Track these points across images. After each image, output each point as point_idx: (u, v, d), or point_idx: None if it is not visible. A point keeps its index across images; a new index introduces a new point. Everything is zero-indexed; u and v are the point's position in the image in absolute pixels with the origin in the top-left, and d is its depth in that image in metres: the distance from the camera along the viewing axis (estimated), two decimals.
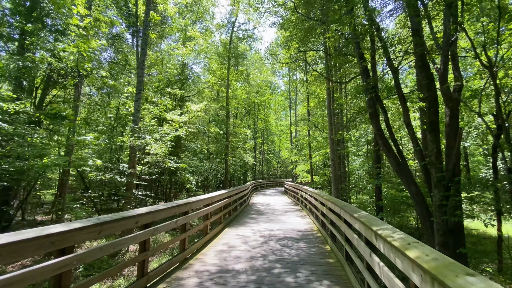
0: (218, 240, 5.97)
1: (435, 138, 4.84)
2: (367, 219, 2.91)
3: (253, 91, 25.13)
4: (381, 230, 2.37)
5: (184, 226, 4.78)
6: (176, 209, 4.32)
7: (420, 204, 5.27)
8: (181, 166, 8.25)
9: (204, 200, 5.67)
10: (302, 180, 20.62)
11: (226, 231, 6.96)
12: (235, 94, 19.85)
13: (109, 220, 2.89)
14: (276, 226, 7.71)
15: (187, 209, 4.79)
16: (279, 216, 9.78)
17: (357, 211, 3.57)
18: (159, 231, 3.89)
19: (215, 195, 6.70)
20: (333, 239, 5.59)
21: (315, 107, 16.00)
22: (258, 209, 11.67)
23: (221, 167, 17.42)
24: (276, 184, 35.78)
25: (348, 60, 8.43)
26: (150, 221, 3.63)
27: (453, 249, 4.74)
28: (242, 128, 20.79)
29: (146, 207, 3.86)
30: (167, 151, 8.52)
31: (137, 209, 3.54)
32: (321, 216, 7.10)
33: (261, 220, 8.85)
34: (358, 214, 3.29)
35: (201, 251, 5.14)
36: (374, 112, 6.07)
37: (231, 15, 19.03)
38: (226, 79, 16.51)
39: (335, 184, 10.24)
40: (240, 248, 5.35)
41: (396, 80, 6.15)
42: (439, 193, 4.64)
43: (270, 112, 40.48)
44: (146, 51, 8.51)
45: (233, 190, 9.59)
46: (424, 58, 5.23)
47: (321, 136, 17.45)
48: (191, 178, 9.04)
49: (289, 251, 5.21)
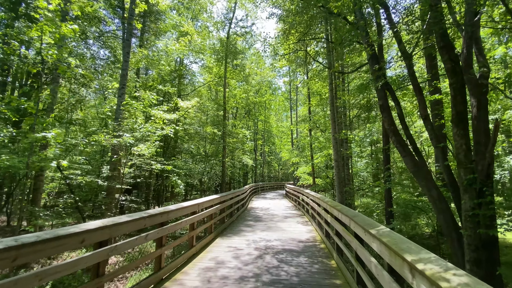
0: (206, 254, 5.14)
1: (464, 132, 4.01)
2: (392, 240, 2.08)
3: (252, 90, 24.39)
4: (421, 264, 1.54)
5: (160, 240, 3.97)
6: (147, 220, 3.50)
7: (443, 212, 4.42)
8: (167, 168, 7.44)
9: (187, 208, 4.85)
10: (304, 182, 19.74)
11: (217, 242, 6.13)
12: (233, 93, 19.08)
13: (34, 241, 2.08)
14: (274, 235, 6.86)
15: (164, 219, 3.97)
16: (278, 223, 8.93)
17: (373, 225, 2.74)
18: (120, 250, 3.07)
19: (204, 201, 5.88)
20: (339, 253, 4.75)
21: (316, 105, 15.20)
22: (256, 215, 10.82)
23: (218, 169, 16.62)
24: (277, 187, 34.87)
25: (353, 49, 7.64)
26: (106, 237, 2.82)
27: (486, 267, 3.89)
28: (240, 128, 20.01)
29: (106, 219, 3.05)
30: (154, 152, 7.73)
31: (86, 223, 2.73)
32: (324, 224, 6.26)
33: (258, 227, 8.00)
34: (376, 231, 2.45)
35: (183, 268, 4.31)
36: (385, 104, 5.25)
37: (228, 11, 18.33)
38: (223, 77, 15.72)
39: (339, 187, 9.39)
40: (229, 265, 4.51)
41: (410, 67, 5.33)
42: (470, 200, 3.80)
43: (271, 113, 39.75)
44: (131, 42, 7.79)
45: (228, 195, 8.76)
46: (446, 37, 4.42)
47: (323, 136, 16.61)
48: (178, 181, 8.22)
49: (288, 268, 4.37)
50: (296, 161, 19.64)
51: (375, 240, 2.40)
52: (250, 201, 16.72)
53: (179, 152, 16.66)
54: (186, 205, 4.77)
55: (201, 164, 15.16)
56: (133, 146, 7.78)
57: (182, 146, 13.95)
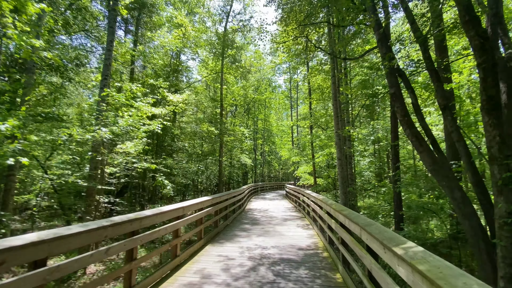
0: (191, 266, 4.46)
1: (497, 121, 3.32)
2: (435, 270, 1.39)
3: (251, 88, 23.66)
4: None
5: (130, 253, 3.29)
6: (108, 230, 2.82)
7: (469, 217, 3.72)
8: (151, 167, 6.74)
9: (168, 213, 4.17)
10: (305, 182, 19.04)
11: (206, 250, 5.45)
12: (231, 90, 18.38)
13: None
14: (271, 242, 6.18)
15: (135, 227, 3.30)
16: (276, 226, 8.25)
17: (396, 240, 2.05)
18: (65, 271, 2.39)
19: (191, 204, 5.21)
20: (345, 264, 4.07)
21: (318, 102, 14.47)
22: (254, 217, 10.14)
23: (215, 169, 15.92)
24: (277, 187, 34.20)
25: (358, 31, 6.94)
26: (42, 255, 2.15)
27: None
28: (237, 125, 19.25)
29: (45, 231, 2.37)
30: (141, 150, 7.06)
31: (11, 238, 2.05)
32: (327, 229, 5.58)
33: (254, 232, 7.33)
34: (404, 250, 1.77)
35: (161, 285, 3.64)
36: (397, 92, 4.55)
37: (225, 4, 17.62)
38: (220, 72, 15.00)
39: (342, 188, 8.70)
40: (217, 280, 3.84)
41: (425, 50, 4.64)
42: (507, 203, 3.11)
43: (271, 112, 39.11)
44: (115, 30, 7.14)
45: (222, 196, 8.09)
46: (471, 10, 3.73)
47: (324, 134, 15.89)
48: (165, 181, 7.54)
49: (285, 285, 3.69)
50: (296, 160, 18.92)
51: (403, 265, 1.71)
52: (248, 202, 16.04)
53: (175, 151, 15.99)
54: (166, 209, 4.09)
55: (197, 164, 14.46)
56: (117, 143, 7.10)
57: (175, 144, 13.22)
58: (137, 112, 6.25)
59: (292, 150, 19.83)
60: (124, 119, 6.02)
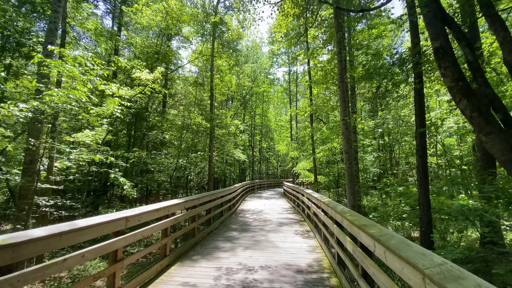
0: None
1: None
2: None
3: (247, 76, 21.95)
4: None
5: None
6: None
7: None
8: (95, 159, 5.24)
9: (91, 229, 2.64)
10: (304, 180, 17.53)
11: (169, 274, 3.96)
12: (224, 78, 16.75)
13: None
14: (261, 258, 4.70)
15: (36, 252, 1.78)
16: (270, 233, 6.75)
17: None
18: None
19: (142, 212, 3.68)
20: None
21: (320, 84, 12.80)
22: (245, 221, 8.65)
23: (205, 165, 14.39)
24: (275, 185, 32.84)
25: None
26: None
27: None
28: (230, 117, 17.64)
29: None
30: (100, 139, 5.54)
31: None
32: (335, 244, 4.08)
33: (241, 242, 5.84)
34: None
35: None
36: (445, 46, 3.01)
37: None
38: (211, 55, 13.37)
39: (350, 187, 7.20)
40: None
41: None
42: None
43: (269, 107, 37.58)
44: None
45: (204, 197, 6.60)
46: None
47: (326, 126, 14.35)
48: (122, 180, 6.01)
49: None
50: (295, 155, 17.38)
51: None
52: (242, 201, 14.56)
53: (164, 145, 14.44)
54: (83, 225, 2.55)
55: (183, 159, 12.90)
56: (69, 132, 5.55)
57: (156, 136, 11.65)
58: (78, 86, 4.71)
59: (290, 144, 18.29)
60: (56, 92, 4.45)
